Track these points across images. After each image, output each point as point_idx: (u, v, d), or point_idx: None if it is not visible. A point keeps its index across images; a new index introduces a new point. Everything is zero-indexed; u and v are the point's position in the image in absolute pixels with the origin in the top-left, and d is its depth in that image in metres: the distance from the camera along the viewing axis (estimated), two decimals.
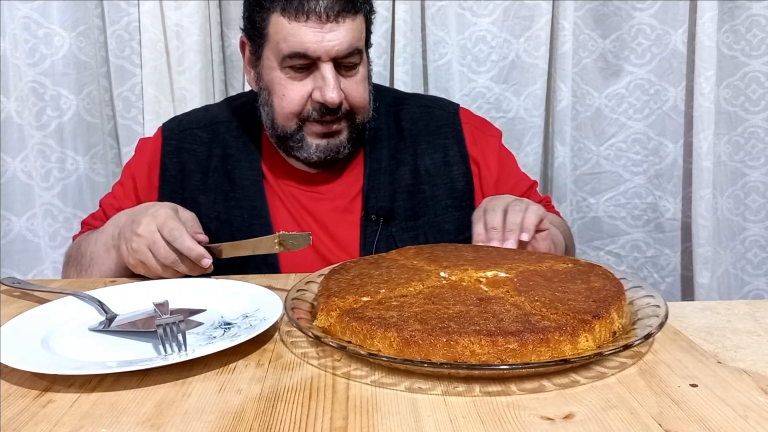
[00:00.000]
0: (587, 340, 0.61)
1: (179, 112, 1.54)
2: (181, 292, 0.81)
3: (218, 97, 1.60)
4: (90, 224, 1.15)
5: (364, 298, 0.69)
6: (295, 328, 0.73)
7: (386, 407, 0.55)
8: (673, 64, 1.61)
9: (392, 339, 0.60)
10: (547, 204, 1.21)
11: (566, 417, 0.52)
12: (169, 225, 0.88)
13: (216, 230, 1.06)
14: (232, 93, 1.61)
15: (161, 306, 0.71)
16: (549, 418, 0.52)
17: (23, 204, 1.58)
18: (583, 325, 0.61)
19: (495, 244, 0.90)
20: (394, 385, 0.59)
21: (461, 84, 1.60)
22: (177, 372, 0.62)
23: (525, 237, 0.90)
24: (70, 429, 0.52)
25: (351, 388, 0.58)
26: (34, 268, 1.60)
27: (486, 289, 0.72)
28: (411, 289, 0.72)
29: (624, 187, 1.66)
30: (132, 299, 0.79)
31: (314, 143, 1.04)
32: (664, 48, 1.60)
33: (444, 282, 0.74)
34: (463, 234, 1.11)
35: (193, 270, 0.90)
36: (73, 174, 1.57)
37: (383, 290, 0.71)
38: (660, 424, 0.51)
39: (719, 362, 0.63)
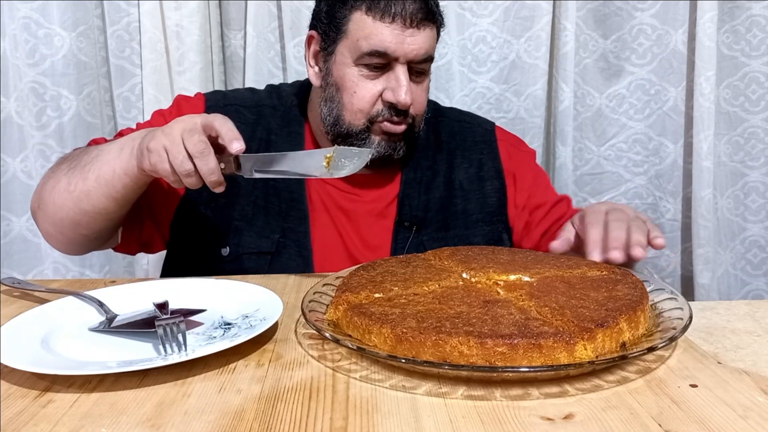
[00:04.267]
0: (585, 349, 0.59)
1: None
2: (181, 292, 0.81)
3: None
4: (99, 143, 1.10)
5: (376, 295, 0.70)
6: (295, 329, 0.73)
7: (386, 407, 0.55)
8: (674, 64, 1.61)
9: (386, 335, 0.61)
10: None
11: (566, 417, 0.52)
12: (194, 139, 0.81)
13: (253, 214, 1.06)
14: None
15: (161, 306, 0.71)
16: (549, 419, 0.52)
17: (23, 204, 1.58)
18: (583, 333, 0.59)
19: (615, 254, 0.82)
20: (395, 384, 0.59)
21: (461, 84, 1.60)
22: (177, 372, 0.62)
23: (659, 242, 0.86)
24: (70, 429, 0.52)
25: (351, 389, 0.58)
26: (34, 268, 1.60)
27: (501, 292, 0.72)
28: (425, 288, 0.72)
29: (624, 188, 1.66)
30: (132, 299, 0.79)
31: (377, 139, 1.06)
32: (664, 48, 1.60)
33: (460, 283, 0.74)
34: None
35: (198, 183, 0.84)
36: None
37: (397, 288, 0.72)
38: (660, 425, 0.51)
39: (719, 362, 0.63)
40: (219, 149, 0.84)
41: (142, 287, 0.84)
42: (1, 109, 1.53)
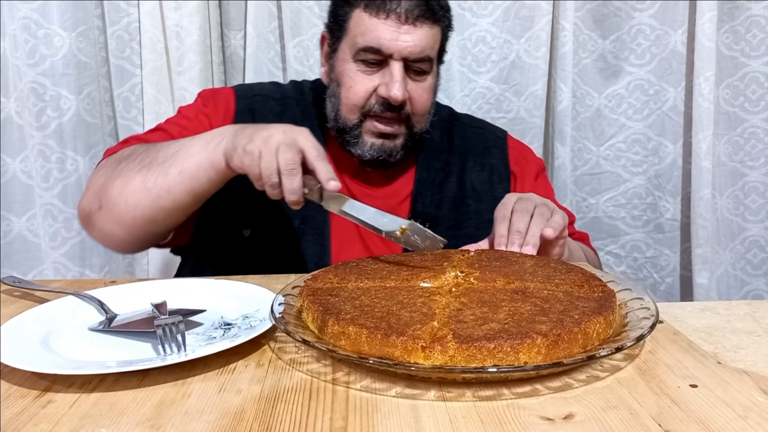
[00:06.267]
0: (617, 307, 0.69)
1: None
2: (180, 292, 0.81)
3: None
4: (143, 139, 1.07)
5: (434, 323, 0.62)
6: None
7: (386, 408, 0.55)
8: (673, 64, 1.61)
9: (540, 345, 0.57)
10: (584, 240, 1.21)
11: (566, 417, 0.52)
12: (287, 156, 0.82)
13: (273, 201, 1.02)
14: None
15: (159, 306, 0.71)
16: (549, 419, 0.52)
17: (23, 204, 1.58)
18: (611, 296, 0.69)
19: (515, 248, 0.88)
20: (394, 384, 0.59)
21: (461, 84, 1.60)
22: (177, 372, 0.62)
23: (549, 232, 0.87)
24: (70, 429, 0.52)
25: (351, 389, 0.58)
26: (34, 268, 1.60)
27: (477, 284, 0.73)
28: (443, 302, 0.67)
29: (624, 188, 1.66)
30: (132, 299, 0.79)
31: (369, 141, 1.07)
32: (663, 48, 1.60)
33: (454, 290, 0.72)
34: None
35: (279, 196, 0.85)
36: (73, 174, 1.57)
37: (433, 310, 0.65)
38: (660, 425, 0.51)
39: (719, 363, 0.63)
40: (307, 170, 0.85)
41: (142, 287, 0.84)
42: (1, 109, 1.53)
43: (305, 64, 1.56)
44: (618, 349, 0.59)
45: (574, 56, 1.59)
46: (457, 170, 1.16)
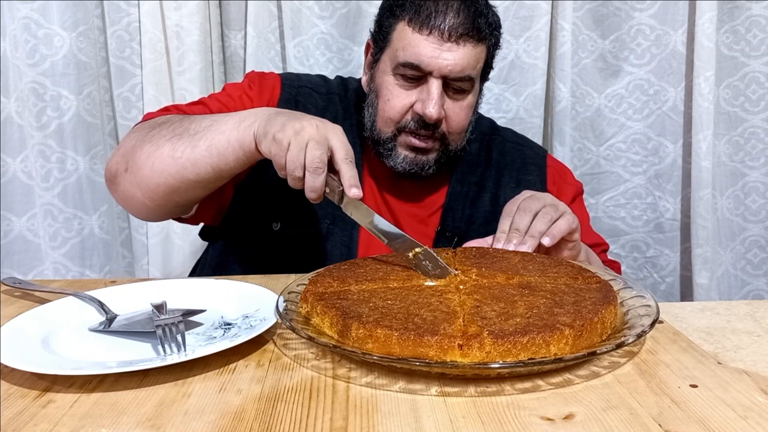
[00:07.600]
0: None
1: None
2: (180, 293, 0.81)
3: None
4: (183, 110, 1.07)
5: (459, 321, 0.62)
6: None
7: (386, 407, 0.55)
8: (673, 64, 1.61)
9: (568, 336, 0.59)
10: (613, 268, 1.18)
11: (566, 417, 0.52)
12: (315, 154, 0.80)
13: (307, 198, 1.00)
14: None
15: (158, 307, 0.71)
16: (549, 419, 0.52)
17: (23, 204, 1.58)
18: (610, 289, 0.71)
19: (511, 247, 0.87)
20: (394, 384, 0.59)
21: None
22: (177, 372, 0.62)
23: (546, 241, 0.87)
24: (70, 429, 0.52)
25: (351, 389, 0.58)
26: (34, 268, 1.60)
27: (481, 281, 0.74)
28: (458, 300, 0.68)
29: (624, 188, 1.66)
30: (132, 300, 0.79)
31: (403, 154, 1.06)
32: (663, 48, 1.60)
33: (462, 287, 0.72)
34: None
35: (300, 188, 0.84)
36: (74, 174, 1.57)
37: (452, 309, 0.65)
38: (660, 425, 0.51)
39: (719, 363, 0.63)
40: (333, 168, 0.83)
41: (142, 287, 0.84)
42: (1, 109, 1.53)
43: (305, 64, 1.56)
44: (639, 335, 0.61)
45: (574, 56, 1.59)
46: (491, 185, 1.14)
